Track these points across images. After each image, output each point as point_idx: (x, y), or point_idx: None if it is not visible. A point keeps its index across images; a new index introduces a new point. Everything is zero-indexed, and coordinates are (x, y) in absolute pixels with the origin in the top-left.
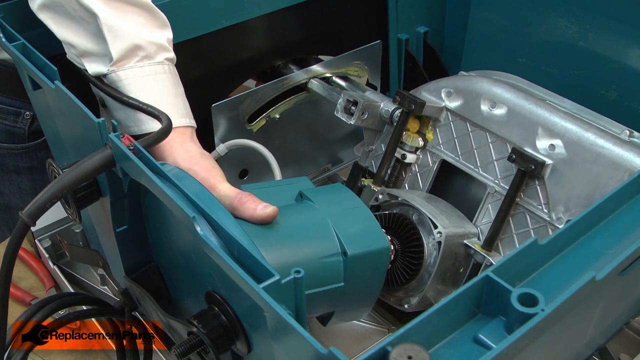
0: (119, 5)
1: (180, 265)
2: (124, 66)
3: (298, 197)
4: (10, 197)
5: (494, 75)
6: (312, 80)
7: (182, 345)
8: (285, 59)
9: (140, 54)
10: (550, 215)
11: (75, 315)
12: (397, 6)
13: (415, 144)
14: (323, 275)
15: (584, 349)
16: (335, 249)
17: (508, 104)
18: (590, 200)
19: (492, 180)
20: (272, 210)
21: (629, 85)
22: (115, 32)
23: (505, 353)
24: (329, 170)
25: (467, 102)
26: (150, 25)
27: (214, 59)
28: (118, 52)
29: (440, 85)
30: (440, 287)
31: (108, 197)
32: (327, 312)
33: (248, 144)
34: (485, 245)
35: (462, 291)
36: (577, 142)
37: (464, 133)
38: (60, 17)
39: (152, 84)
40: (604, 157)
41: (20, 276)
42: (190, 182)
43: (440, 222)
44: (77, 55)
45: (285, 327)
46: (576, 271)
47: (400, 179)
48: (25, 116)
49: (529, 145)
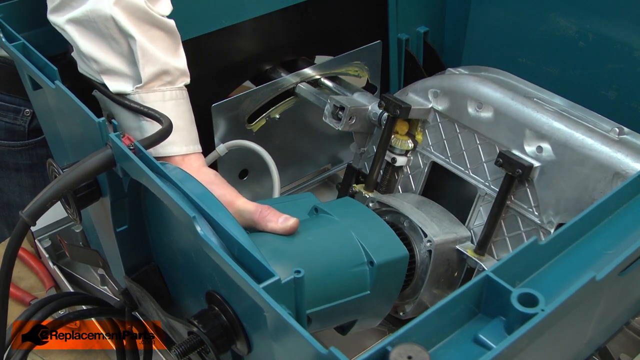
0: (149, 29)
1: (181, 265)
2: (149, 89)
3: (312, 211)
4: (9, 194)
5: (482, 71)
6: (300, 85)
7: (182, 345)
8: (284, 60)
9: (165, 79)
10: (540, 218)
11: (75, 315)
12: (397, 6)
13: (405, 147)
14: (351, 284)
15: (584, 349)
16: (361, 259)
17: (494, 105)
18: (579, 203)
19: (483, 183)
20: (294, 221)
21: (629, 85)
22: (148, 57)
23: (505, 353)
24: (329, 170)
25: (453, 103)
26: (174, 50)
27: (214, 59)
28: (148, 75)
29: (427, 85)
30: (435, 291)
31: (108, 197)
32: (350, 320)
33: (248, 145)
34: (478, 249)
35: (462, 291)
36: (564, 143)
37: (452, 135)
38: (90, 33)
39: (172, 109)
40: (592, 159)
41: (20, 276)
42: (193, 185)
43: (430, 230)
44: (99, 72)
45: (285, 327)
46: (576, 271)
47: (393, 181)
48: (25, 113)
49: (516, 147)
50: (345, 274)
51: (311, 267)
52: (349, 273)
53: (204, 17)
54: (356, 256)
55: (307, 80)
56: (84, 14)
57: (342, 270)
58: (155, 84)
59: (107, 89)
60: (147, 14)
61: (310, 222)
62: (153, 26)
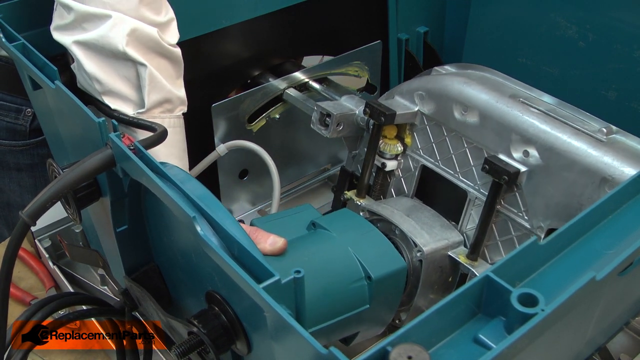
0: (156, 57)
1: (181, 265)
2: (150, 115)
3: (310, 226)
4: (10, 194)
5: (469, 69)
6: (287, 91)
7: (182, 345)
8: (284, 59)
9: (167, 106)
10: (530, 223)
11: (75, 315)
12: (397, 6)
13: (395, 151)
14: (350, 300)
15: (584, 349)
16: (359, 275)
17: (479, 108)
18: (568, 209)
19: (473, 187)
20: (282, 242)
21: (629, 85)
22: (154, 84)
23: (505, 353)
24: (329, 170)
25: (439, 106)
26: (176, 77)
27: (214, 59)
28: (152, 102)
29: (413, 88)
30: (431, 296)
31: (108, 197)
32: (352, 333)
33: (248, 146)
34: (471, 254)
35: (462, 291)
36: (550, 148)
37: (441, 138)
38: (97, 55)
39: (170, 137)
40: (578, 163)
41: (20, 276)
42: (193, 185)
43: (420, 239)
44: (101, 92)
45: (285, 327)
46: (576, 271)
47: (386, 184)
48: (27, 113)
49: (503, 152)
50: (344, 290)
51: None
52: (347, 290)
53: (204, 17)
54: (354, 272)
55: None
56: (94, 38)
57: (341, 287)
58: (157, 110)
59: (102, 105)
60: (159, 44)
61: (307, 240)
62: (161, 55)
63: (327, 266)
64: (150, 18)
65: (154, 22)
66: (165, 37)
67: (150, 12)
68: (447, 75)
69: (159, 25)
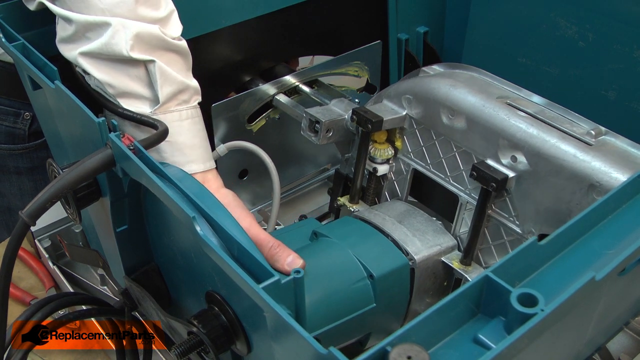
0: (164, 53)
1: (181, 265)
2: (166, 110)
3: (312, 236)
4: (10, 198)
5: (457, 69)
6: (276, 97)
7: (182, 345)
8: (283, 60)
9: (181, 97)
10: (522, 228)
11: (75, 315)
12: (397, 6)
13: (385, 156)
14: (355, 300)
15: (584, 349)
16: (361, 274)
17: (466, 113)
18: (557, 214)
19: (464, 191)
20: (302, 264)
21: (629, 85)
22: (165, 77)
23: (505, 353)
24: (328, 170)
25: (427, 110)
26: (187, 69)
27: (214, 59)
28: (165, 95)
29: (400, 91)
30: (428, 300)
31: (108, 197)
32: (364, 334)
33: (248, 146)
34: (464, 258)
35: (461, 291)
36: (537, 153)
37: (430, 142)
38: (104, 62)
39: (189, 128)
40: (566, 169)
41: (20, 276)
42: (190, 182)
43: (411, 247)
44: (115, 95)
45: (285, 327)
46: (576, 271)
47: (379, 188)
48: (25, 117)
49: (492, 157)
50: (347, 291)
51: (313, 291)
52: (351, 290)
53: (204, 16)
54: (356, 273)
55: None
56: (98, 47)
57: (344, 288)
58: (172, 103)
59: (100, 97)
60: (163, 41)
61: (309, 249)
62: (168, 50)
63: (329, 270)
64: (149, 15)
65: (154, 19)
66: (168, 31)
67: (149, 9)
68: (434, 78)
69: (159, 20)
